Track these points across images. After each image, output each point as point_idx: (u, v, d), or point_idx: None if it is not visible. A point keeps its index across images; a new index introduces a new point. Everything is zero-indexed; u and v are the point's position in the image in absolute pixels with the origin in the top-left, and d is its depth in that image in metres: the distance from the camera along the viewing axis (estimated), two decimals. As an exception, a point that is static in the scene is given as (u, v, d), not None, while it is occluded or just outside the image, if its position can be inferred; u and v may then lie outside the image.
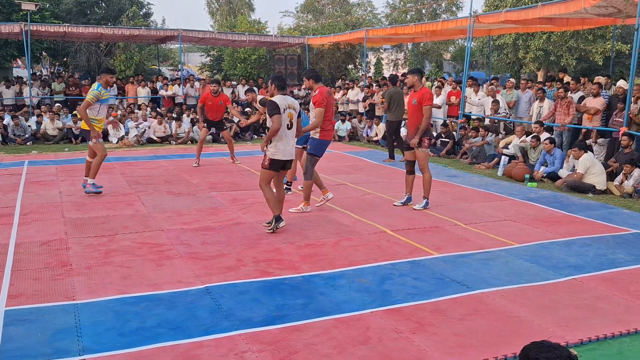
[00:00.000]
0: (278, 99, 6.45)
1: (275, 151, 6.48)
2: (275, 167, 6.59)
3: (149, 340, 3.93)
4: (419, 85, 7.78)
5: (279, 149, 6.48)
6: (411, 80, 7.80)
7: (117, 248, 6.00)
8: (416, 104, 7.66)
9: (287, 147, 6.54)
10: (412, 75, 7.83)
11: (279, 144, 6.46)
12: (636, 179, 9.09)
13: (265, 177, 6.63)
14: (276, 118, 6.31)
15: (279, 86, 6.62)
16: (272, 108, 6.34)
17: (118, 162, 11.85)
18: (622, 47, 22.65)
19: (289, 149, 6.58)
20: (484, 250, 6.12)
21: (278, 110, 6.33)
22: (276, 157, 6.50)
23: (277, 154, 6.49)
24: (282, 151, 6.50)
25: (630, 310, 4.57)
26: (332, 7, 35.07)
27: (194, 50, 45.10)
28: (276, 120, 6.31)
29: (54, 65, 29.69)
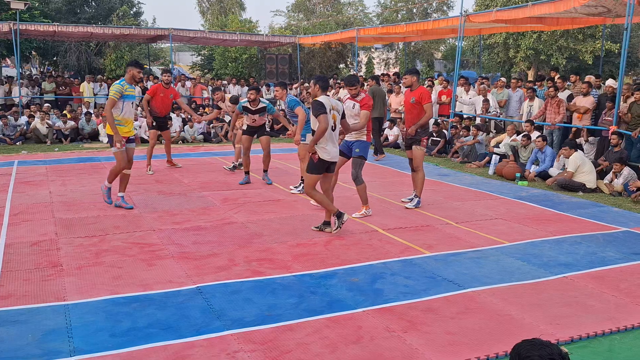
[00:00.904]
0: (323, 99, 6.31)
1: (324, 154, 6.35)
2: (320, 169, 6.44)
3: (141, 341, 3.91)
4: (416, 84, 7.90)
5: (324, 148, 6.34)
6: (410, 80, 7.87)
7: (108, 248, 5.98)
8: (415, 103, 7.76)
9: (332, 149, 6.41)
10: (411, 75, 7.92)
11: (325, 144, 6.32)
12: (626, 178, 9.15)
13: (311, 182, 6.49)
14: (323, 118, 6.16)
15: (322, 87, 6.44)
16: (319, 108, 6.20)
17: (108, 162, 11.78)
18: (612, 46, 22.79)
19: (335, 150, 6.45)
20: (476, 248, 6.14)
21: (324, 110, 6.20)
22: (322, 157, 6.35)
23: (323, 154, 6.35)
24: (328, 152, 6.37)
25: (620, 307, 4.60)
26: (323, 6, 35.05)
27: (185, 50, 45.05)
28: (323, 120, 6.16)
29: (43, 65, 29.53)
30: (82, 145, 14.67)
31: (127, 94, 7.44)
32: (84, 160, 12.04)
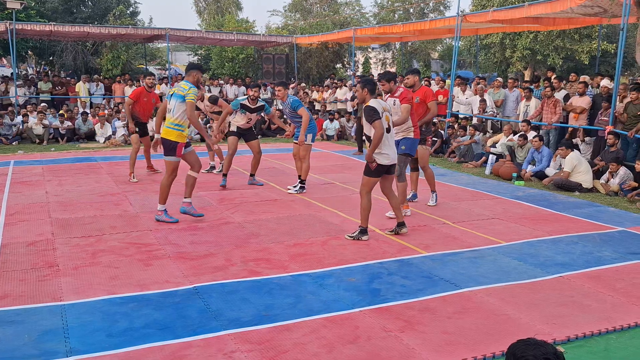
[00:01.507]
0: (374, 103, 6.20)
1: (380, 157, 6.25)
2: (379, 173, 6.36)
3: (138, 341, 3.91)
4: (418, 84, 7.96)
5: (384, 154, 6.25)
6: (412, 80, 7.91)
7: (105, 248, 5.97)
8: (419, 102, 7.80)
9: (390, 151, 6.31)
10: (413, 75, 7.97)
11: (383, 149, 6.21)
12: (622, 177, 9.17)
13: (368, 184, 6.38)
14: (378, 123, 6.05)
15: (371, 90, 6.30)
16: (372, 114, 6.08)
17: (105, 162, 11.78)
18: (608, 46, 22.85)
19: (393, 153, 6.36)
20: (472, 248, 6.15)
21: (378, 115, 6.10)
22: (382, 162, 6.26)
23: (382, 159, 6.25)
24: (387, 155, 6.26)
25: (616, 307, 4.62)
26: (320, 6, 35.05)
27: (182, 49, 44.97)
28: (378, 125, 6.05)
29: (39, 65, 29.47)
30: (78, 145, 14.66)
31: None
32: (80, 160, 12.02)
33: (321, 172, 10.71)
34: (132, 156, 9.73)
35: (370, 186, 6.40)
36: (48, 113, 15.68)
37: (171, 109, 6.76)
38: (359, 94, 6.40)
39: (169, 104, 6.81)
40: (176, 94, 6.74)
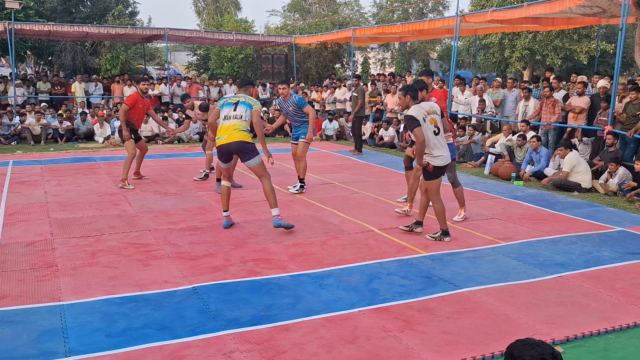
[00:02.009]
0: (414, 110, 6.21)
1: (434, 159, 6.28)
2: (438, 174, 6.38)
3: (136, 341, 3.90)
4: (431, 87, 7.93)
5: (437, 156, 6.27)
6: (426, 82, 7.87)
7: (104, 248, 5.96)
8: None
9: (444, 152, 6.33)
10: (427, 77, 7.92)
11: (434, 152, 6.25)
12: (621, 177, 9.18)
13: (434, 187, 6.39)
14: (418, 131, 6.09)
15: (413, 96, 6.34)
16: (411, 122, 6.12)
17: (104, 162, 11.78)
18: (607, 46, 22.87)
19: (446, 152, 6.37)
20: (471, 248, 6.15)
21: (417, 122, 6.12)
22: (438, 164, 6.29)
23: (438, 161, 6.28)
24: (442, 157, 6.29)
25: (615, 307, 4.62)
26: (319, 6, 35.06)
27: (181, 49, 44.95)
28: (418, 132, 6.09)
29: (38, 65, 29.44)
30: (77, 145, 14.65)
31: None
32: (79, 160, 12.02)
33: (320, 172, 10.71)
34: (128, 163, 9.24)
35: (436, 189, 6.42)
36: (47, 113, 15.68)
37: (241, 115, 6.53)
38: (402, 101, 6.41)
39: (236, 110, 6.55)
40: (243, 102, 6.61)
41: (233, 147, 6.45)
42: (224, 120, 6.55)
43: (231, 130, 6.44)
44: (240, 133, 6.44)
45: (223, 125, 6.52)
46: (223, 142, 6.47)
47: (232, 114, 6.53)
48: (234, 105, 6.60)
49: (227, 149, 6.49)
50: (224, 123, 6.53)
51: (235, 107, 6.57)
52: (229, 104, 6.65)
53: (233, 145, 6.43)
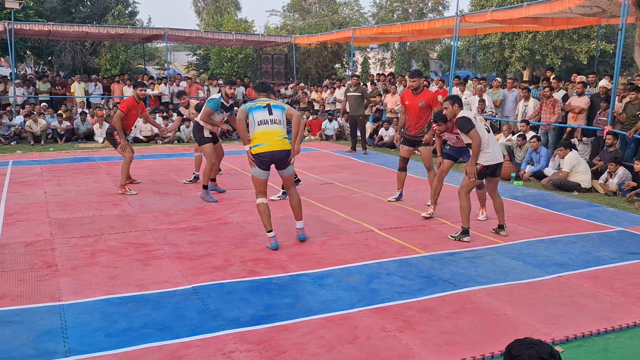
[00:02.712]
0: (465, 113, 6.34)
1: (488, 158, 6.31)
2: (482, 175, 6.42)
3: (136, 341, 3.91)
4: (422, 87, 8.02)
5: (489, 154, 6.30)
6: (419, 83, 7.93)
7: (104, 248, 5.96)
8: (424, 106, 7.82)
9: (495, 150, 6.36)
10: (419, 77, 8.00)
11: (488, 150, 6.28)
12: (620, 177, 9.18)
13: (468, 185, 6.44)
14: (474, 133, 6.15)
15: (460, 104, 6.48)
16: (466, 124, 6.19)
17: (104, 162, 11.77)
18: (607, 46, 22.86)
19: (497, 151, 6.41)
20: (471, 248, 6.15)
21: (472, 124, 6.19)
22: (488, 163, 6.31)
23: (490, 160, 6.31)
24: (492, 154, 6.32)
25: (615, 307, 4.62)
26: (319, 6, 35.05)
27: (181, 49, 44.95)
28: (474, 133, 6.15)
29: (38, 64, 29.44)
30: (77, 145, 14.65)
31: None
32: (79, 160, 12.02)
33: (320, 172, 10.71)
34: (125, 166, 8.94)
35: (469, 188, 6.45)
36: (46, 113, 15.67)
37: (280, 119, 6.10)
38: (449, 110, 6.47)
39: (272, 114, 6.07)
40: (276, 106, 6.17)
41: (278, 156, 5.99)
42: (260, 126, 6.00)
43: (275, 137, 5.97)
44: (285, 141, 6.04)
45: (262, 131, 5.98)
46: (267, 149, 5.93)
47: (269, 119, 6.03)
48: (267, 109, 6.08)
49: (272, 157, 5.99)
50: (262, 128, 5.99)
51: (270, 111, 6.07)
52: (259, 108, 6.09)
53: (278, 153, 5.98)
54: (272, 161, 6.03)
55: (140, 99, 9.07)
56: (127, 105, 8.87)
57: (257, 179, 6.09)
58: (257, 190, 6.17)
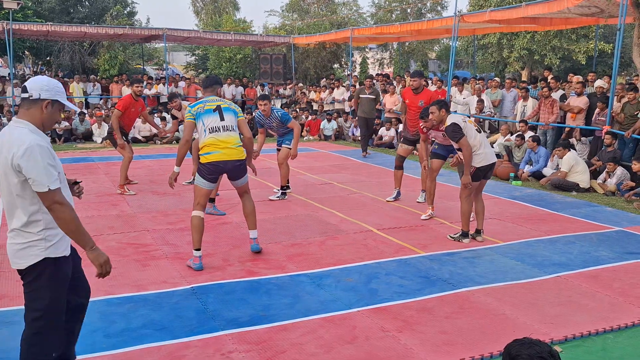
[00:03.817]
0: (454, 118, 6.31)
1: (480, 160, 6.27)
2: (477, 177, 6.35)
3: (135, 342, 3.90)
4: (422, 87, 8.05)
5: (481, 155, 6.27)
6: (419, 83, 7.95)
7: (102, 248, 5.88)
8: (423, 106, 7.84)
9: (487, 151, 6.33)
10: (419, 78, 8.03)
11: (480, 151, 6.25)
12: (619, 177, 9.19)
13: (466, 191, 6.38)
14: (464, 140, 6.13)
15: (447, 109, 6.47)
16: (456, 132, 6.17)
17: (102, 162, 11.77)
18: (605, 46, 22.86)
19: (489, 151, 6.37)
20: (470, 248, 6.15)
21: (462, 132, 6.16)
22: (481, 165, 6.27)
23: (482, 161, 6.27)
24: (485, 155, 6.28)
25: (614, 307, 4.62)
26: (318, 6, 35.00)
27: (179, 50, 44.92)
28: (465, 142, 6.14)
29: (36, 65, 29.40)
30: (75, 146, 14.64)
31: None
32: (77, 161, 12.00)
33: (319, 172, 10.71)
34: (125, 166, 8.88)
35: (469, 192, 6.40)
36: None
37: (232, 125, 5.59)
38: (436, 116, 6.44)
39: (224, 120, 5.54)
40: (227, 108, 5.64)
41: (230, 166, 5.48)
42: (211, 133, 5.42)
43: (228, 145, 5.44)
44: (239, 150, 5.50)
45: (211, 139, 5.41)
46: (218, 158, 5.39)
47: (220, 125, 5.46)
48: (218, 114, 5.48)
49: (224, 168, 5.49)
50: (212, 136, 5.41)
51: (221, 116, 5.48)
52: (208, 112, 5.47)
53: (231, 164, 5.46)
54: (223, 171, 5.54)
55: (138, 96, 9.00)
56: (124, 104, 8.80)
57: (201, 189, 5.51)
58: (196, 201, 5.52)
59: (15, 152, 2.79)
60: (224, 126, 5.47)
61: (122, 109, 8.77)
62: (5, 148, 2.84)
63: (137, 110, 9.04)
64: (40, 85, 2.92)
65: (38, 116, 2.93)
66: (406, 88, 8.55)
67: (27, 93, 2.92)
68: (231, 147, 5.43)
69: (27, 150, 2.78)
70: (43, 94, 2.91)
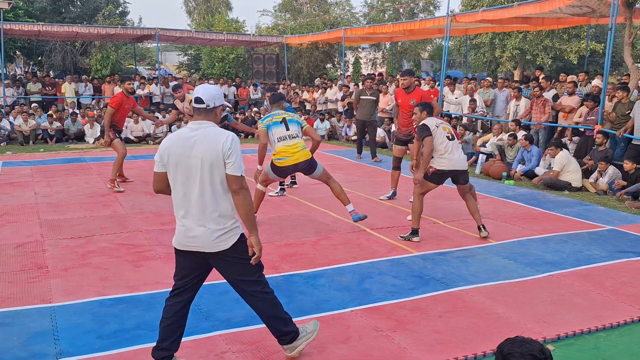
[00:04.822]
0: (428, 121, 6.45)
1: (444, 163, 6.36)
2: (438, 179, 6.45)
3: (128, 342, 3.89)
4: (413, 86, 8.07)
5: (446, 159, 6.35)
6: (409, 81, 7.96)
7: (95, 249, 5.93)
8: (415, 104, 7.85)
9: (452, 157, 6.40)
10: (410, 76, 8.06)
11: (445, 156, 6.34)
12: (610, 176, 9.24)
13: (424, 187, 6.47)
14: (428, 140, 6.26)
15: (429, 112, 6.59)
16: (423, 131, 6.35)
17: (95, 163, 11.72)
18: (596, 46, 22.98)
19: (455, 158, 6.42)
20: (463, 247, 6.17)
21: (429, 131, 6.30)
22: (442, 168, 6.36)
23: (446, 165, 6.35)
24: (448, 160, 6.35)
25: (605, 305, 4.65)
26: (310, 6, 34.99)
27: (172, 50, 44.79)
28: (428, 142, 6.27)
29: (28, 65, 29.24)
30: (67, 146, 14.56)
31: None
32: (69, 161, 11.95)
33: (312, 172, 10.69)
34: (118, 163, 8.99)
35: (424, 190, 6.51)
36: (36, 114, 15.56)
37: (297, 133, 6.69)
38: (417, 117, 6.57)
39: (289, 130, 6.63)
40: (292, 120, 6.74)
41: (301, 167, 6.60)
42: (280, 142, 6.58)
43: (295, 150, 6.53)
44: (304, 151, 6.60)
45: (282, 147, 6.55)
46: (289, 162, 6.52)
47: (287, 134, 6.59)
48: (283, 125, 6.64)
49: (294, 170, 6.73)
50: (281, 145, 6.56)
51: (287, 127, 6.63)
52: (276, 124, 6.64)
53: (301, 165, 6.57)
54: (295, 172, 6.84)
55: (129, 93, 9.09)
56: (117, 101, 8.88)
57: (268, 177, 6.82)
58: (262, 179, 6.85)
59: (224, 141, 3.27)
60: (290, 135, 6.61)
61: (115, 106, 8.84)
62: (206, 143, 3.28)
63: (129, 106, 9.14)
64: (213, 95, 3.39)
65: (214, 119, 3.42)
66: (398, 89, 8.57)
67: (204, 104, 3.38)
68: (298, 151, 6.54)
69: (233, 139, 3.31)
70: (216, 102, 3.40)
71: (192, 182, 3.32)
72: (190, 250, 3.41)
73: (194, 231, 3.35)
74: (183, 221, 3.39)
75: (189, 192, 3.34)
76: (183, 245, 3.42)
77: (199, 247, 3.38)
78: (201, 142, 3.29)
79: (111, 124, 8.97)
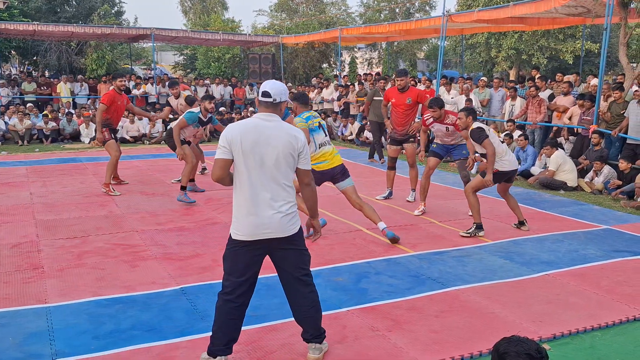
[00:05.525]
0: (479, 123, 6.54)
1: (504, 165, 6.49)
2: (496, 180, 6.58)
3: (124, 343, 3.88)
4: (408, 85, 8.10)
5: (506, 161, 6.50)
6: (405, 82, 8.00)
7: (90, 250, 5.92)
8: (411, 103, 7.89)
9: (511, 158, 6.57)
10: (405, 76, 8.09)
11: (503, 158, 6.48)
12: (606, 176, 9.27)
13: (478, 185, 6.57)
14: (487, 141, 6.36)
15: (474, 117, 6.66)
16: (481, 133, 6.41)
17: (90, 163, 11.69)
18: (592, 46, 23.05)
19: (513, 159, 6.61)
20: (459, 247, 6.18)
21: (486, 133, 6.41)
22: (503, 169, 6.51)
23: (507, 166, 6.51)
24: (508, 162, 6.52)
25: (601, 304, 4.66)
26: (306, 5, 34.99)
27: (167, 49, 44.74)
28: (488, 142, 6.36)
29: (23, 65, 29.15)
30: (63, 146, 14.53)
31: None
32: (65, 161, 11.92)
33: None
34: (111, 165, 8.77)
35: (479, 187, 6.63)
36: (31, 113, 15.52)
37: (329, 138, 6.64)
38: (463, 122, 6.62)
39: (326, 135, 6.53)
40: (324, 125, 6.63)
41: (337, 170, 6.52)
42: (321, 148, 6.46)
43: (332, 155, 6.47)
44: (338, 156, 6.55)
45: (322, 152, 6.44)
46: (326, 167, 6.44)
47: (325, 140, 6.53)
48: (322, 130, 6.54)
49: (332, 173, 6.54)
50: (322, 150, 6.45)
51: (325, 133, 6.57)
52: (316, 129, 6.44)
53: (337, 169, 6.50)
54: (330, 176, 6.52)
55: (121, 91, 8.93)
56: (109, 98, 8.71)
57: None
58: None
59: (298, 136, 3.46)
60: (327, 141, 6.55)
61: (107, 102, 8.67)
62: (283, 135, 3.42)
63: (122, 104, 8.97)
64: (279, 90, 3.51)
65: (279, 113, 3.53)
66: (390, 89, 8.58)
67: (271, 98, 3.48)
68: (334, 156, 6.49)
69: (304, 136, 3.52)
70: (283, 97, 3.52)
71: (266, 170, 3.39)
72: (259, 239, 3.44)
73: (266, 218, 3.40)
74: (253, 209, 3.40)
75: (261, 178, 3.40)
76: (253, 234, 3.43)
77: (271, 233, 3.43)
78: (277, 133, 3.42)
79: (106, 123, 8.79)
